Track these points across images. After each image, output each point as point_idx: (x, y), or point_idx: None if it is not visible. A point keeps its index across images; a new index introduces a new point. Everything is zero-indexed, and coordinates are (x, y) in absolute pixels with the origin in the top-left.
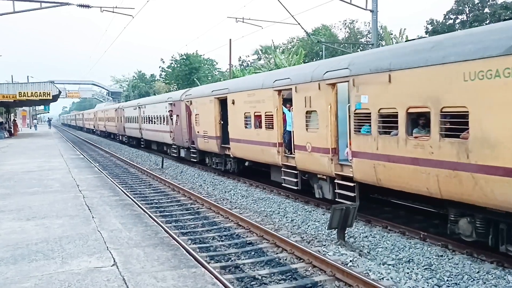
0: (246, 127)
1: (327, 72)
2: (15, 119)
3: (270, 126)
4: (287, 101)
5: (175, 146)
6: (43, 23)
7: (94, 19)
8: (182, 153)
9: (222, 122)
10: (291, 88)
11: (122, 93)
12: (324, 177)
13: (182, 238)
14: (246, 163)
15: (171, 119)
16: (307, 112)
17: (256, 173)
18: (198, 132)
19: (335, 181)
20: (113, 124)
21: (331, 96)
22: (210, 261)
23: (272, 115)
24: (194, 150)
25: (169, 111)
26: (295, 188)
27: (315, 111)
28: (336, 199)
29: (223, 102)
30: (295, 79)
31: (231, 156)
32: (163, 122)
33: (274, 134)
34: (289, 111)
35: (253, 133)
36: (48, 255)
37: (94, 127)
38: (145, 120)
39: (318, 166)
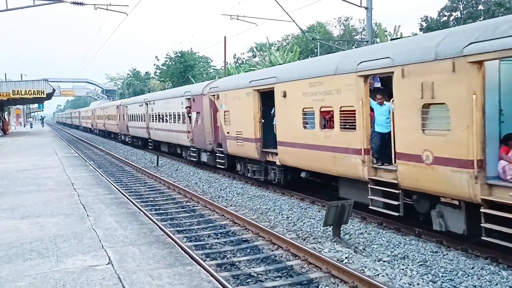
0: (305, 127)
1: (471, 44)
2: (6, 117)
3: (350, 126)
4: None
5: (194, 149)
6: (36, 21)
7: (88, 18)
8: (204, 158)
9: (263, 121)
10: (392, 72)
11: (117, 91)
12: (456, 202)
13: (178, 236)
14: (303, 174)
15: (189, 117)
16: (424, 106)
17: (310, 185)
18: (228, 133)
19: (482, 210)
20: (114, 122)
21: (477, 80)
22: (205, 259)
23: (354, 110)
24: (221, 155)
25: (186, 108)
26: (396, 214)
27: (443, 103)
28: (482, 237)
29: (265, 95)
30: (402, 57)
31: (278, 164)
32: (178, 120)
33: (356, 137)
34: (379, 104)
35: (318, 136)
36: (42, 254)
37: (92, 125)
38: (154, 118)
39: (446, 186)
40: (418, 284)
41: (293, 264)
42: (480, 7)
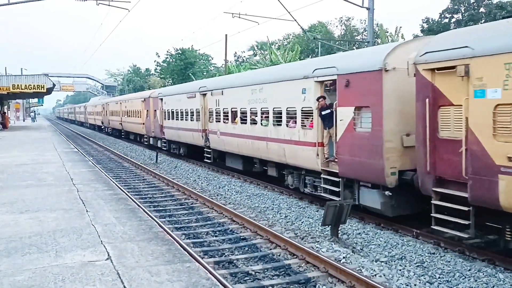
0: None
1: None
2: (5, 111)
3: None
4: None
5: (329, 178)
6: (37, 18)
7: (88, 17)
8: (374, 201)
9: None
10: None
11: (117, 87)
12: None
13: (176, 233)
14: None
15: (323, 116)
16: None
17: None
18: None
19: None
20: (137, 121)
21: None
22: (204, 256)
23: None
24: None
25: (318, 99)
26: None
27: None
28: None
29: None
30: None
31: None
32: (291, 121)
33: None
34: None
35: None
36: (41, 249)
37: (102, 123)
38: (222, 117)
39: None
40: (415, 285)
41: (291, 263)
42: (482, 9)
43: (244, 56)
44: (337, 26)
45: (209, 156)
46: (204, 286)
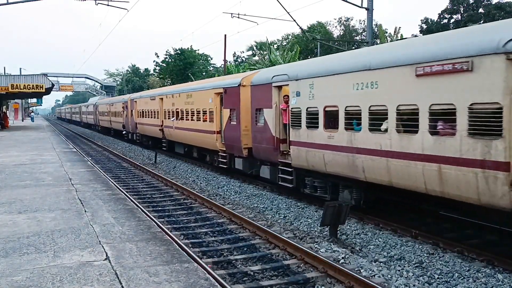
0: None
1: None
2: (5, 111)
3: None
4: None
5: None
6: (37, 16)
7: (89, 16)
8: None
9: None
10: None
11: (116, 87)
12: None
13: (175, 233)
14: None
15: None
16: None
17: None
18: None
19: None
20: (207, 127)
21: None
22: (202, 257)
23: None
24: None
25: None
26: None
27: None
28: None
29: None
30: None
31: None
32: None
33: None
34: None
35: None
36: (40, 249)
37: (124, 127)
38: None
39: None
40: (414, 285)
41: (290, 264)
42: (481, 10)
43: (243, 56)
44: (336, 27)
45: None
46: (203, 286)
